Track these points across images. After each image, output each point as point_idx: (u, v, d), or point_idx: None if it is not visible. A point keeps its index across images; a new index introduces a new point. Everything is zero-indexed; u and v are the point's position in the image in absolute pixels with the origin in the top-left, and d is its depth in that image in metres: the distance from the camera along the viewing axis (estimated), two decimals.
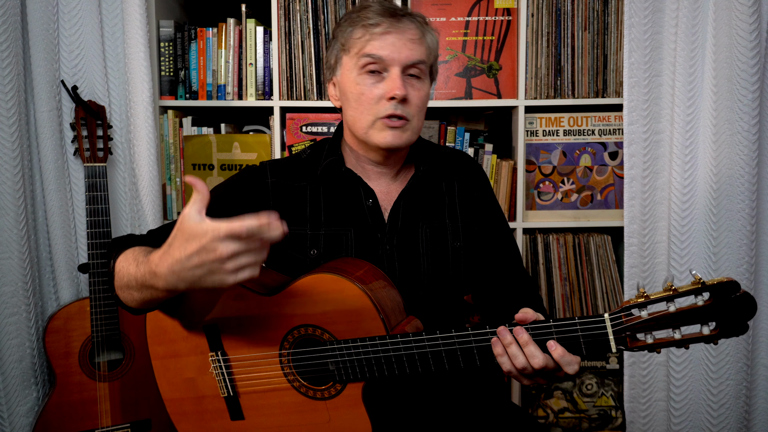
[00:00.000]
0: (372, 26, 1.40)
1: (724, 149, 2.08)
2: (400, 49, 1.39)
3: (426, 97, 1.46)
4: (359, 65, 1.41)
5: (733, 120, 2.06)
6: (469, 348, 1.24)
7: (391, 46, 1.39)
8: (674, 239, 2.15)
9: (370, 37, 1.39)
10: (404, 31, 1.41)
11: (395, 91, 1.38)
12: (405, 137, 1.43)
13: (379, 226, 1.49)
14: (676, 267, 2.16)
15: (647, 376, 2.26)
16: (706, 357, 2.18)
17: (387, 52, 1.39)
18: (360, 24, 1.41)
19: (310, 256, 1.47)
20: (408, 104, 1.41)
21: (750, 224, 2.09)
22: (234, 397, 1.40)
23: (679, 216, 2.14)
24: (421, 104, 1.44)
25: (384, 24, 1.40)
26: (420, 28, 1.44)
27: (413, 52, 1.41)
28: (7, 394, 2.03)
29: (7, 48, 1.92)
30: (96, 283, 2.07)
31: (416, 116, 1.44)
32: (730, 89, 2.05)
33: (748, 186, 2.07)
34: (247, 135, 2.40)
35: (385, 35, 1.39)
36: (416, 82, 1.43)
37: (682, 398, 2.22)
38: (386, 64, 1.40)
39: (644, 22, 2.13)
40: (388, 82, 1.40)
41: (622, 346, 1.15)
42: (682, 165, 2.13)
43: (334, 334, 1.31)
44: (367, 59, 1.40)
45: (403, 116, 1.40)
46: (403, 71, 1.41)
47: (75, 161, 2.18)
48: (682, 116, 2.12)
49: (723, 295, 1.09)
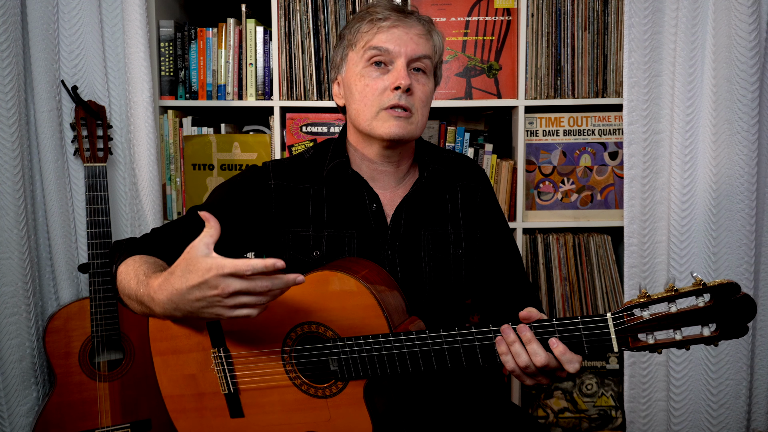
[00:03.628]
0: (380, 20, 1.42)
1: (724, 149, 2.08)
2: (407, 42, 1.41)
3: (430, 93, 1.48)
4: (365, 58, 1.43)
5: (733, 120, 2.06)
6: (472, 346, 1.24)
7: (398, 39, 1.41)
8: (674, 239, 2.16)
9: (377, 30, 1.42)
10: (411, 26, 1.43)
11: (400, 81, 1.39)
12: (410, 129, 1.43)
13: (382, 230, 1.49)
14: (676, 267, 2.16)
15: (647, 376, 2.26)
16: (706, 357, 2.19)
17: (393, 44, 1.41)
18: (368, 19, 1.44)
19: (313, 258, 1.47)
20: (412, 96, 1.42)
21: (749, 224, 2.09)
22: (234, 394, 1.40)
23: (678, 216, 2.14)
24: (425, 99, 1.45)
25: (391, 18, 1.42)
26: (426, 26, 1.47)
27: (419, 46, 1.43)
28: (7, 394, 2.03)
29: (7, 48, 1.92)
30: (96, 283, 2.06)
31: (420, 110, 1.44)
32: (729, 89, 2.05)
33: (748, 186, 2.08)
34: (247, 135, 2.40)
35: (393, 29, 1.42)
36: (421, 77, 1.45)
37: (682, 398, 2.22)
38: (392, 56, 1.41)
39: (644, 22, 2.13)
40: (393, 73, 1.41)
41: (624, 346, 1.15)
42: (682, 165, 2.13)
43: (338, 331, 1.31)
44: (374, 51, 1.42)
45: (407, 107, 1.41)
46: (409, 65, 1.42)
47: (75, 161, 2.18)
48: (682, 116, 2.12)
49: (723, 296, 1.10)
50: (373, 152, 1.50)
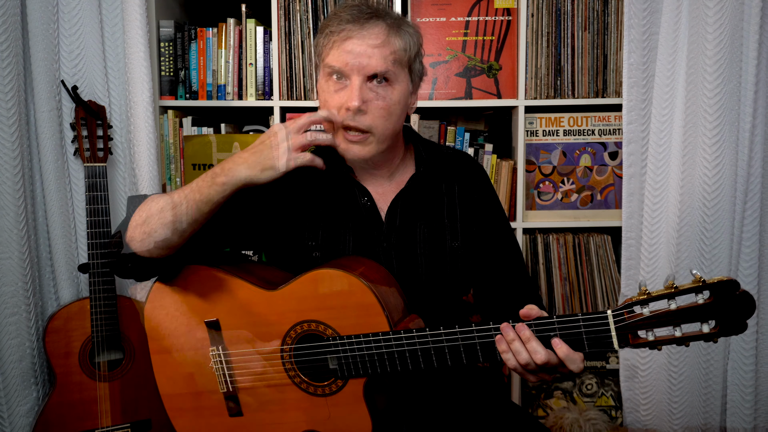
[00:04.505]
0: (332, 34, 1.37)
1: (724, 148, 2.09)
2: (359, 59, 1.35)
3: (398, 98, 1.40)
4: (326, 73, 1.40)
5: (733, 121, 2.07)
6: (473, 344, 1.24)
7: (349, 55, 1.35)
8: (672, 237, 2.16)
9: (332, 46, 1.37)
10: (365, 37, 1.36)
11: (350, 103, 1.34)
12: (367, 150, 1.40)
13: (376, 223, 1.48)
14: (674, 262, 2.16)
15: (647, 376, 2.26)
16: (702, 355, 2.19)
17: (345, 62, 1.35)
18: (325, 31, 1.39)
19: (308, 248, 1.47)
20: (366, 114, 1.37)
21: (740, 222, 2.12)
22: (233, 393, 1.40)
23: (678, 215, 2.15)
24: (388, 108, 1.39)
25: (344, 32, 1.36)
26: (388, 29, 1.38)
27: (374, 59, 1.35)
28: (7, 394, 2.03)
29: (7, 48, 1.92)
30: (96, 283, 2.06)
31: (381, 125, 1.38)
32: (731, 90, 2.06)
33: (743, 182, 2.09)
34: (247, 135, 2.41)
35: (344, 43, 1.36)
36: (381, 90, 1.38)
37: (683, 397, 2.22)
38: (345, 74, 1.37)
39: (643, 23, 2.14)
40: (347, 91, 1.37)
41: (624, 343, 1.15)
42: (679, 165, 2.13)
43: (338, 329, 1.31)
44: (329, 69, 1.38)
45: (361, 129, 1.37)
46: (368, 79, 1.37)
47: (75, 161, 2.18)
48: (681, 116, 2.12)
49: (723, 293, 1.10)
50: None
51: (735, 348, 2.18)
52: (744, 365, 2.17)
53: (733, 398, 2.20)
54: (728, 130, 2.07)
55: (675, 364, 2.20)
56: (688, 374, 2.21)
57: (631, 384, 2.29)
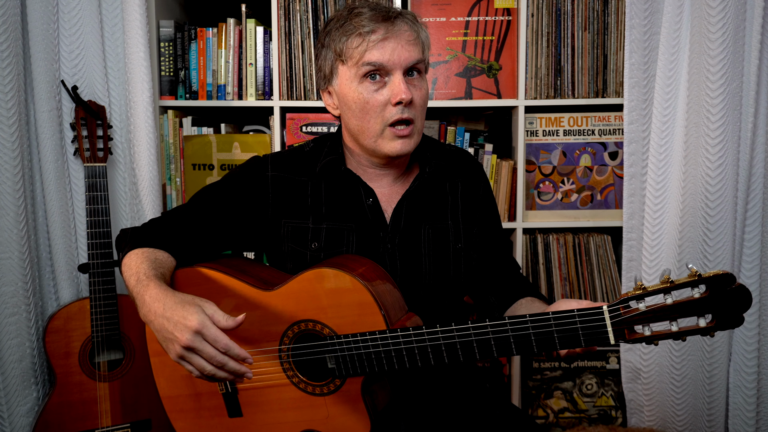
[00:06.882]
0: (368, 33, 1.39)
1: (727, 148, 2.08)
2: (400, 53, 1.39)
3: (427, 93, 1.48)
4: (360, 74, 1.40)
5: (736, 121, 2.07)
6: (469, 342, 1.24)
7: (391, 52, 1.39)
8: (674, 237, 2.15)
9: (368, 46, 1.38)
10: (400, 34, 1.40)
11: (401, 96, 1.38)
12: (412, 143, 1.44)
13: (380, 224, 1.49)
14: (676, 262, 2.15)
15: (648, 375, 2.25)
16: (706, 357, 2.18)
17: (387, 57, 1.39)
18: (355, 33, 1.40)
19: (311, 249, 1.47)
20: (412, 106, 1.42)
21: (741, 223, 2.11)
22: (232, 393, 1.40)
23: (680, 215, 2.14)
24: (423, 103, 1.46)
25: (380, 30, 1.39)
26: (413, 26, 1.44)
27: (412, 53, 1.41)
28: (7, 394, 2.03)
29: (7, 48, 1.93)
30: (96, 283, 2.06)
31: (420, 117, 1.45)
32: (734, 90, 2.06)
33: (744, 182, 2.09)
34: (247, 135, 2.41)
35: (384, 42, 1.39)
36: (417, 81, 1.44)
37: (686, 399, 2.21)
38: (388, 69, 1.39)
39: (644, 23, 2.14)
40: (391, 87, 1.40)
41: (621, 338, 1.15)
42: (681, 165, 2.13)
43: (335, 329, 1.31)
44: (369, 67, 1.39)
45: (410, 119, 1.41)
46: (405, 73, 1.41)
47: (75, 161, 2.18)
48: (683, 116, 2.12)
49: (719, 287, 1.10)
50: (371, 162, 1.51)
51: (737, 350, 2.17)
52: (746, 367, 2.15)
53: (735, 400, 2.19)
54: (731, 130, 2.06)
55: (677, 365, 2.18)
56: (691, 376, 2.20)
57: (634, 386, 2.29)
